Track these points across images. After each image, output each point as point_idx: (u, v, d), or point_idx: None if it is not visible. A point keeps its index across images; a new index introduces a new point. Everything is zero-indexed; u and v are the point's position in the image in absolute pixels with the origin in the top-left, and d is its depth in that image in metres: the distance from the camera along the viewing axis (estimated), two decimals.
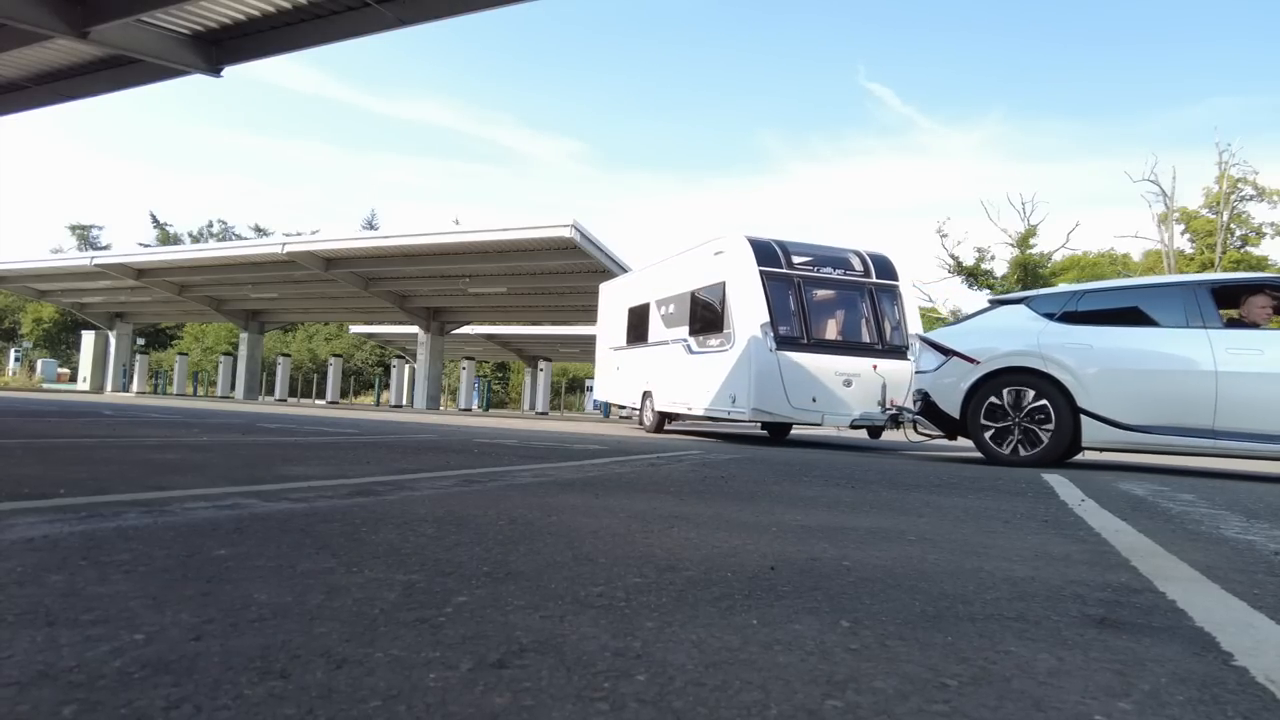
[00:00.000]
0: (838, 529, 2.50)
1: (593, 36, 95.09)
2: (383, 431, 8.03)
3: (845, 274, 9.53)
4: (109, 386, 32.15)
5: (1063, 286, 7.51)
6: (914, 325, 9.45)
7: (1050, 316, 6.64)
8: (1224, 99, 55.92)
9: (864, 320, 9.42)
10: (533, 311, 27.87)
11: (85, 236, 57.52)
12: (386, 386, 36.50)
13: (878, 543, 2.26)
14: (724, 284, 9.47)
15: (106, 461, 3.68)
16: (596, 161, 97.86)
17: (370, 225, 57.54)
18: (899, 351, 9.21)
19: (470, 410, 27.49)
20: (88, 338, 34.14)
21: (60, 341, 50.86)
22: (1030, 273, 31.70)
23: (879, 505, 3.23)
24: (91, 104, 12.20)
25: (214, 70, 9.63)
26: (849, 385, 8.80)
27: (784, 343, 8.73)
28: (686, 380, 10.46)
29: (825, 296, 9.49)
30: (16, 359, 44.99)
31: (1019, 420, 6.48)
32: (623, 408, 15.57)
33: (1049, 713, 0.98)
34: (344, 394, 34.26)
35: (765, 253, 9.19)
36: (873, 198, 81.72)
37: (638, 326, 12.46)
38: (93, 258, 26.94)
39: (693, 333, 10.39)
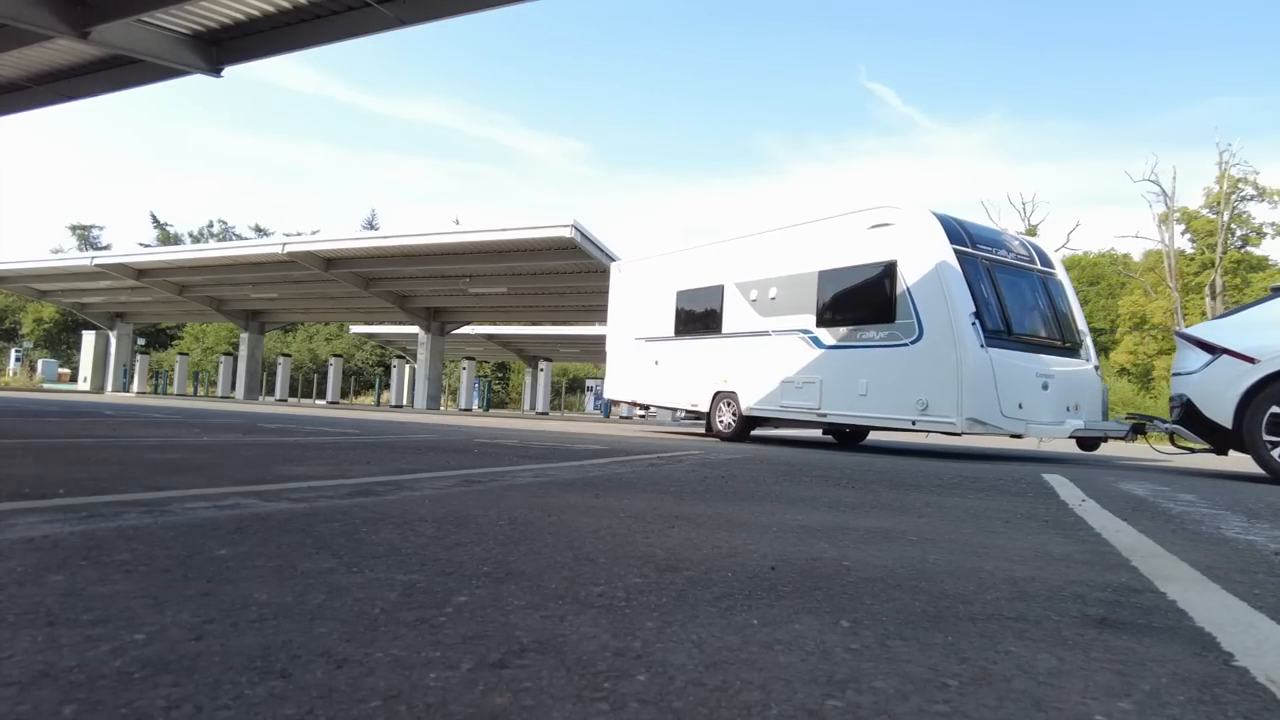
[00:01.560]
0: (838, 529, 2.50)
1: (593, 36, 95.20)
2: (383, 431, 8.03)
3: (1018, 259, 8.31)
4: (109, 386, 32.16)
5: None
6: (1081, 320, 8.48)
7: None
8: (1224, 99, 56.02)
9: (1046, 313, 8.26)
10: (533, 311, 27.87)
11: (85, 236, 57.59)
12: (387, 387, 36.50)
13: (878, 543, 2.26)
14: (894, 263, 7.92)
15: (107, 461, 3.68)
16: (596, 161, 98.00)
17: (370, 225, 57.63)
18: (1077, 349, 8.20)
19: (470, 410, 27.50)
20: (88, 338, 34.15)
21: (61, 341, 50.89)
22: None
23: (879, 505, 3.23)
24: (91, 104, 12.20)
25: (214, 70, 9.64)
26: (1046, 389, 7.59)
27: (990, 338, 7.40)
28: (812, 379, 8.72)
29: (1011, 284, 8.12)
30: (17, 359, 45.00)
31: None
32: (646, 408, 12.74)
33: (1049, 713, 0.98)
34: (344, 394, 34.29)
35: (951, 228, 7.84)
36: (874, 198, 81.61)
37: (700, 314, 10.62)
38: (93, 258, 26.93)
39: (825, 322, 8.69)
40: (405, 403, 30.82)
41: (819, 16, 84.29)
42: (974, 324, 7.33)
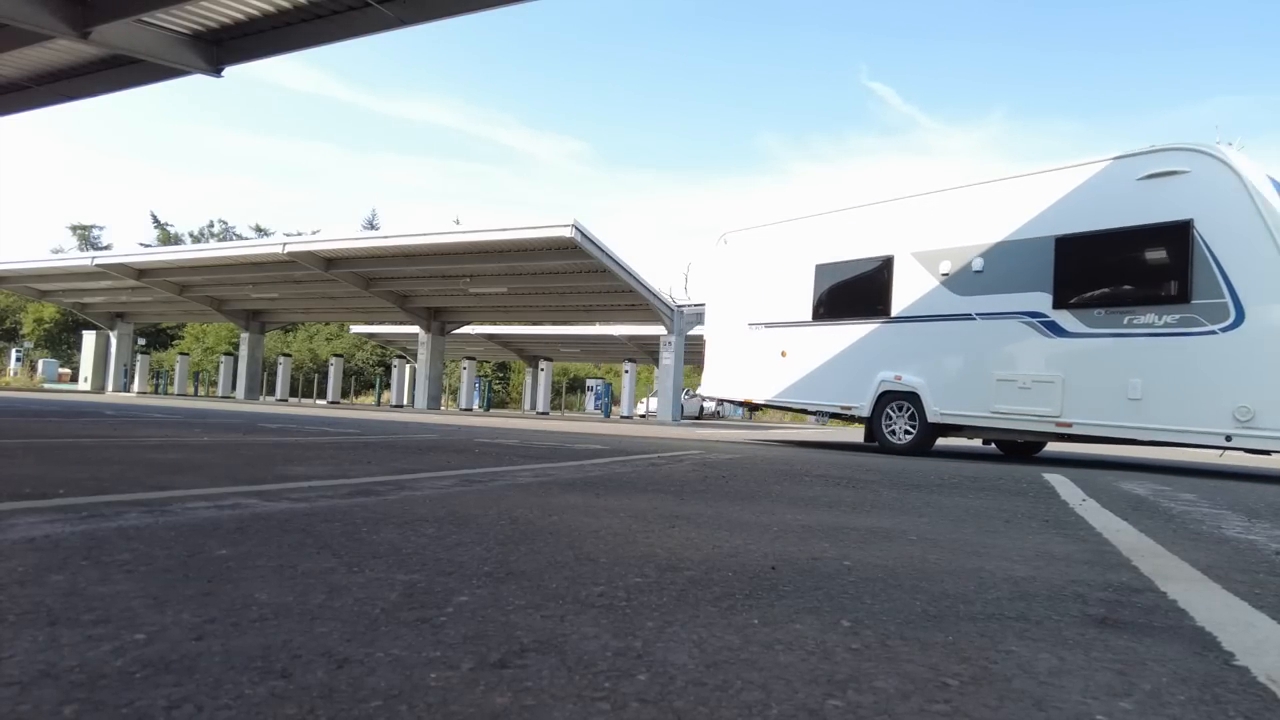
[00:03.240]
0: (838, 529, 2.50)
1: (593, 36, 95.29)
2: (384, 431, 8.03)
3: None
4: (110, 386, 32.16)
5: None
6: None
7: None
8: (1226, 98, 56.09)
9: None
10: (533, 311, 27.86)
11: (86, 236, 57.55)
12: (387, 386, 36.49)
13: (879, 542, 2.26)
14: (1188, 224, 6.25)
15: (108, 461, 3.68)
16: (597, 161, 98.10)
17: (371, 225, 57.59)
18: None
19: (471, 410, 27.50)
20: (89, 338, 34.13)
21: (61, 341, 50.87)
22: None
23: (880, 505, 3.23)
24: (91, 104, 12.22)
25: (214, 70, 9.64)
26: None
27: None
28: (1047, 377, 6.99)
29: None
30: (18, 359, 44.96)
31: None
32: (747, 406, 10.64)
33: (1050, 712, 0.98)
34: (345, 394, 34.27)
35: (1273, 180, 6.32)
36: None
37: (855, 291, 8.76)
38: (94, 258, 26.92)
39: (1068, 302, 6.93)
40: (406, 403, 30.81)
41: (820, 17, 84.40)
42: None
